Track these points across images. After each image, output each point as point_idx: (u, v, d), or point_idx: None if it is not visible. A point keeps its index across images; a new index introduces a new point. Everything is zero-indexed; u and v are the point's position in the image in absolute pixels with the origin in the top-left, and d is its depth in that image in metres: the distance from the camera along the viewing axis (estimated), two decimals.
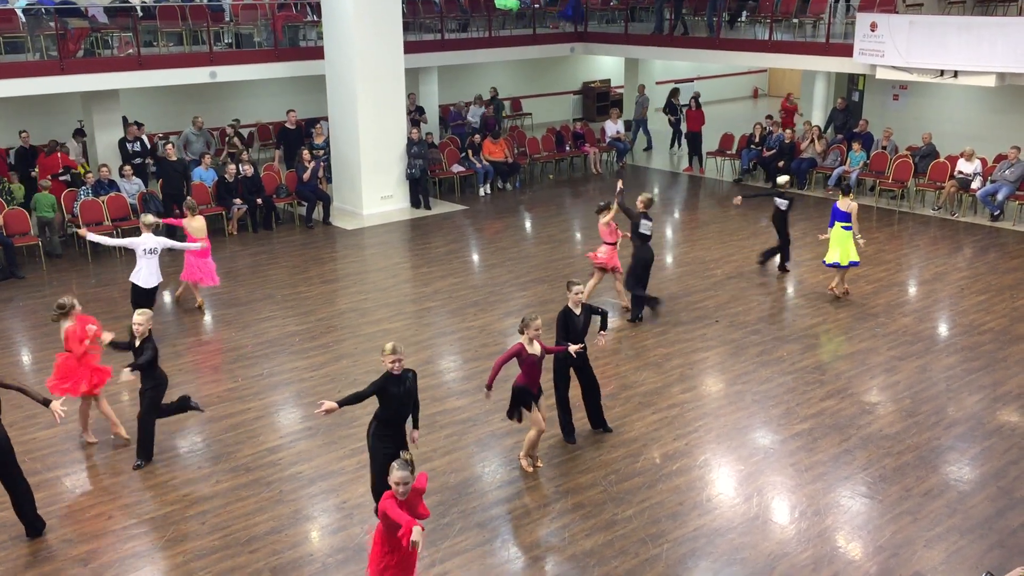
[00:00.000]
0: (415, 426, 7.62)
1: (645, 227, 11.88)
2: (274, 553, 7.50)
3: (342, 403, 7.17)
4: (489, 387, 8.21)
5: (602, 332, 9.46)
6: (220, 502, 8.25)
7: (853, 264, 12.78)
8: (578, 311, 8.89)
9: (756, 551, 7.47)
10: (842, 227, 12.67)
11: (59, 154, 16.30)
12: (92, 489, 8.51)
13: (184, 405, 9.07)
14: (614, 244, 12.35)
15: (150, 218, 11.76)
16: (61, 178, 16.08)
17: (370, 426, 7.55)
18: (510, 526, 7.89)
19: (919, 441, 9.16)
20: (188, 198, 13.52)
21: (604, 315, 9.32)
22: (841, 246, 12.69)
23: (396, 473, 5.94)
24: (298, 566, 7.34)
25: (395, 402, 7.33)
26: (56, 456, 9.06)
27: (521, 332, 8.25)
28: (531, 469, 8.68)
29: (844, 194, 12.81)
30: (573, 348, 8.63)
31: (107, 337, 8.98)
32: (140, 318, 8.64)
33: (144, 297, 11.43)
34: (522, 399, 8.40)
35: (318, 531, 7.83)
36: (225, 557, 7.46)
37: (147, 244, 11.43)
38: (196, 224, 12.81)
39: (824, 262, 13.00)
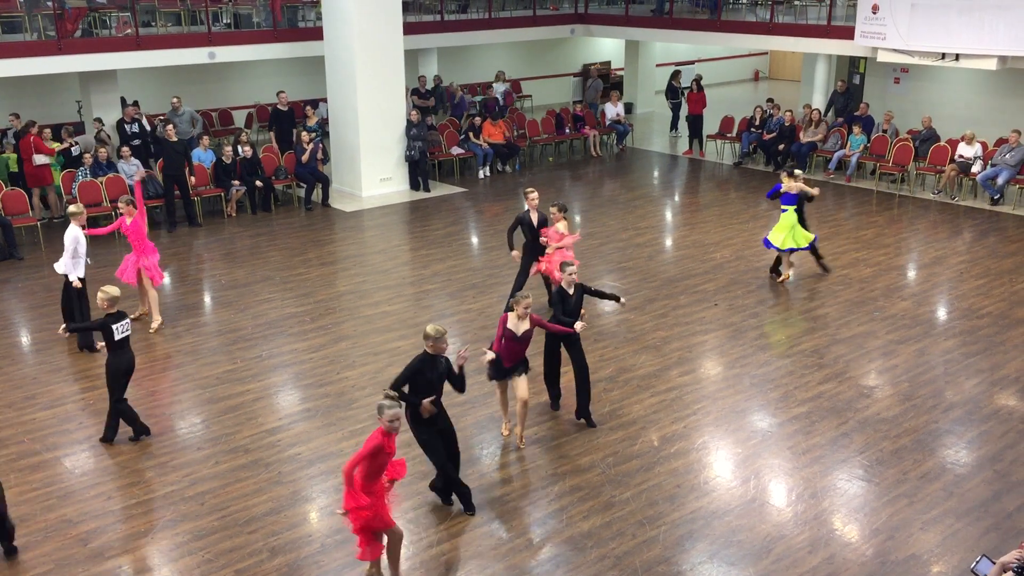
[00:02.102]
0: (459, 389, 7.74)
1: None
2: (273, 533, 7.53)
3: (399, 398, 7.16)
4: (496, 352, 8.45)
5: (622, 301, 9.51)
6: (219, 483, 8.27)
7: (794, 250, 12.74)
8: (571, 291, 9.00)
9: (753, 533, 7.51)
10: (794, 211, 12.68)
11: (32, 136, 15.64)
12: (92, 469, 8.53)
13: (136, 429, 9.05)
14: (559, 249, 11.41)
15: (73, 207, 11.06)
16: (37, 163, 15.60)
17: (406, 414, 7.51)
18: (508, 508, 7.92)
19: (916, 425, 9.18)
20: (125, 195, 12.23)
21: (599, 293, 9.44)
22: (787, 230, 12.68)
23: (388, 412, 6.43)
24: (297, 546, 7.37)
25: (427, 387, 7.41)
26: (56, 436, 9.08)
27: (510, 309, 8.41)
28: (507, 432, 8.98)
29: (788, 176, 12.77)
30: (579, 326, 8.72)
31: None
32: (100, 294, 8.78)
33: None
34: (492, 370, 8.58)
35: (317, 512, 7.86)
36: (224, 537, 7.49)
37: (65, 237, 10.78)
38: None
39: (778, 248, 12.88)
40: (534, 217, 11.61)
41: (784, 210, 12.72)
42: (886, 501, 7.92)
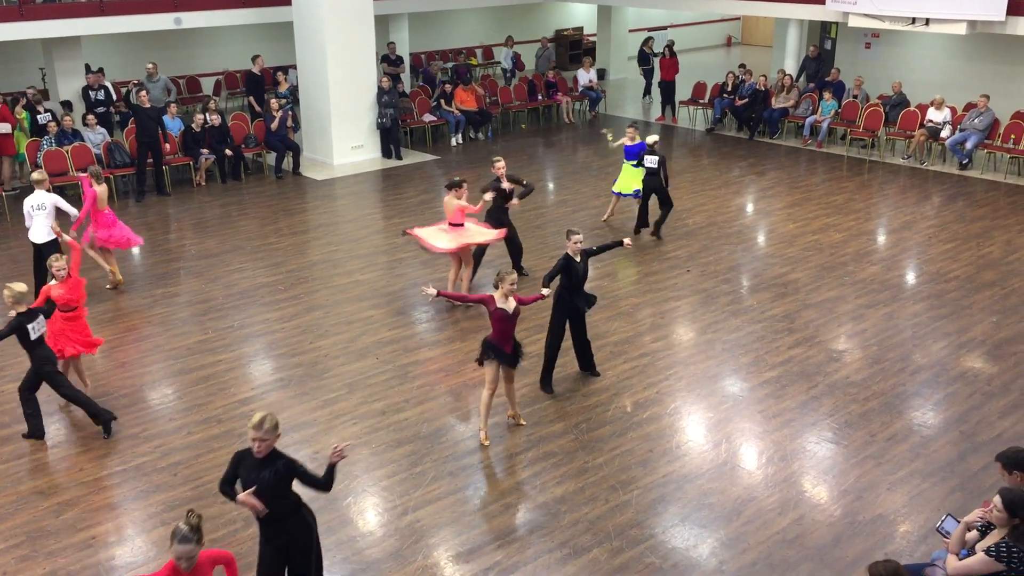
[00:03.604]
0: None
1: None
2: None
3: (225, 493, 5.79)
4: (437, 293, 8.21)
5: (626, 242, 9.69)
6: (192, 453, 8.25)
7: (633, 195, 13.82)
8: (578, 258, 8.97)
9: (724, 496, 7.61)
10: (632, 165, 13.73)
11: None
12: (64, 441, 8.47)
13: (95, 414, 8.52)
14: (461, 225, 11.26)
15: (36, 175, 11.05)
16: None
17: None
18: (482, 474, 7.97)
19: (884, 387, 9.31)
20: (92, 166, 11.96)
21: (603, 248, 9.51)
22: (627, 179, 13.84)
23: (175, 546, 5.04)
24: None
25: (254, 489, 5.65)
26: None
27: (496, 287, 8.12)
28: (487, 441, 8.35)
29: (635, 129, 13.88)
30: (546, 291, 8.66)
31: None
32: (5, 291, 8.13)
33: (40, 255, 10.93)
34: (485, 352, 8.22)
35: None
36: (198, 508, 7.45)
37: (32, 201, 10.79)
38: (100, 192, 11.49)
39: (617, 192, 14.09)
40: (506, 185, 11.57)
41: (636, 165, 13.67)
42: (854, 463, 8.05)
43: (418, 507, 7.50)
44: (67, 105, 16.99)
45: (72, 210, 11.39)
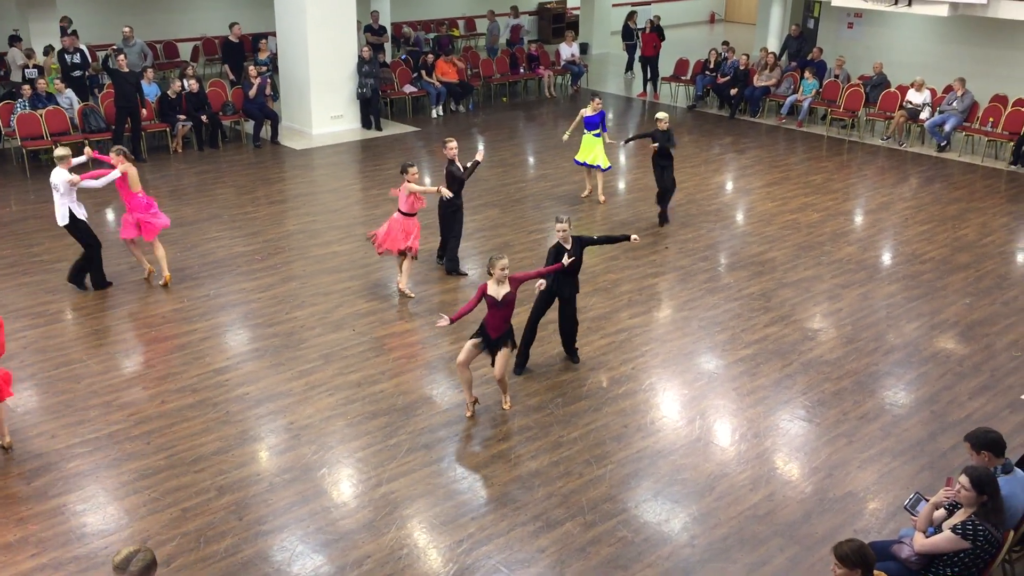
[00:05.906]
0: None
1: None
2: (220, 472, 7.51)
3: None
4: (450, 320, 7.94)
5: (633, 238, 9.23)
6: (165, 422, 8.21)
7: (601, 168, 13.89)
8: (568, 245, 8.76)
9: (697, 472, 7.66)
10: (593, 135, 13.77)
11: None
12: (35, 408, 8.40)
13: None
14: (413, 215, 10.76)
15: (60, 151, 10.34)
16: None
17: None
18: (457, 447, 7.98)
19: (858, 367, 9.39)
20: (118, 145, 11.28)
21: (605, 240, 9.26)
22: (591, 150, 13.85)
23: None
24: (245, 485, 7.36)
25: None
26: None
27: (489, 273, 8.02)
28: (470, 413, 8.37)
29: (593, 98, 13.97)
30: (542, 283, 8.47)
31: None
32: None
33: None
34: (477, 333, 8.17)
35: (266, 451, 7.85)
36: (171, 476, 7.46)
37: (52, 179, 10.26)
38: (132, 173, 10.70)
39: (575, 160, 14.22)
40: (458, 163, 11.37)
41: (597, 135, 13.81)
42: (826, 441, 8.13)
43: (392, 479, 7.50)
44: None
45: (93, 183, 10.53)
